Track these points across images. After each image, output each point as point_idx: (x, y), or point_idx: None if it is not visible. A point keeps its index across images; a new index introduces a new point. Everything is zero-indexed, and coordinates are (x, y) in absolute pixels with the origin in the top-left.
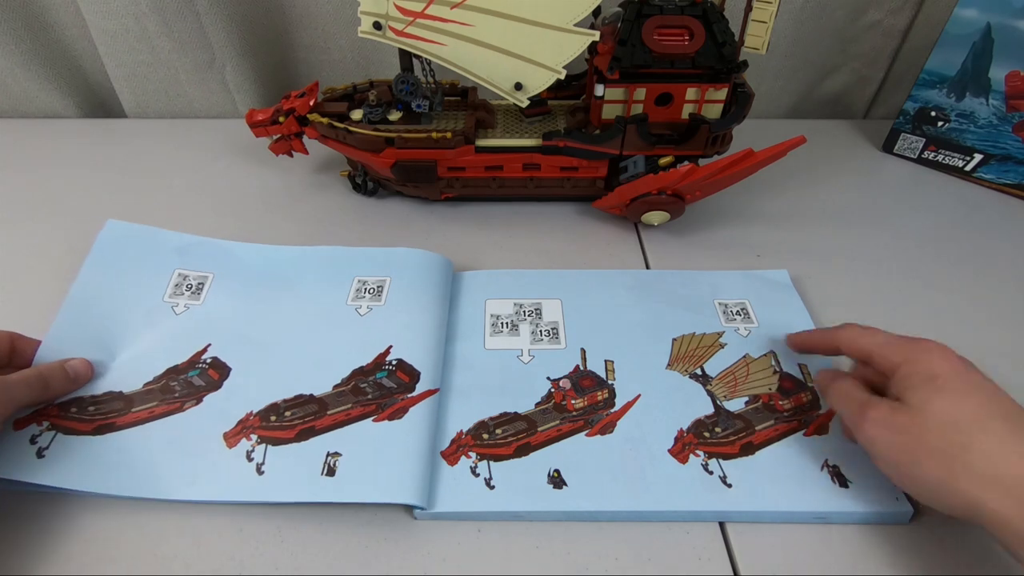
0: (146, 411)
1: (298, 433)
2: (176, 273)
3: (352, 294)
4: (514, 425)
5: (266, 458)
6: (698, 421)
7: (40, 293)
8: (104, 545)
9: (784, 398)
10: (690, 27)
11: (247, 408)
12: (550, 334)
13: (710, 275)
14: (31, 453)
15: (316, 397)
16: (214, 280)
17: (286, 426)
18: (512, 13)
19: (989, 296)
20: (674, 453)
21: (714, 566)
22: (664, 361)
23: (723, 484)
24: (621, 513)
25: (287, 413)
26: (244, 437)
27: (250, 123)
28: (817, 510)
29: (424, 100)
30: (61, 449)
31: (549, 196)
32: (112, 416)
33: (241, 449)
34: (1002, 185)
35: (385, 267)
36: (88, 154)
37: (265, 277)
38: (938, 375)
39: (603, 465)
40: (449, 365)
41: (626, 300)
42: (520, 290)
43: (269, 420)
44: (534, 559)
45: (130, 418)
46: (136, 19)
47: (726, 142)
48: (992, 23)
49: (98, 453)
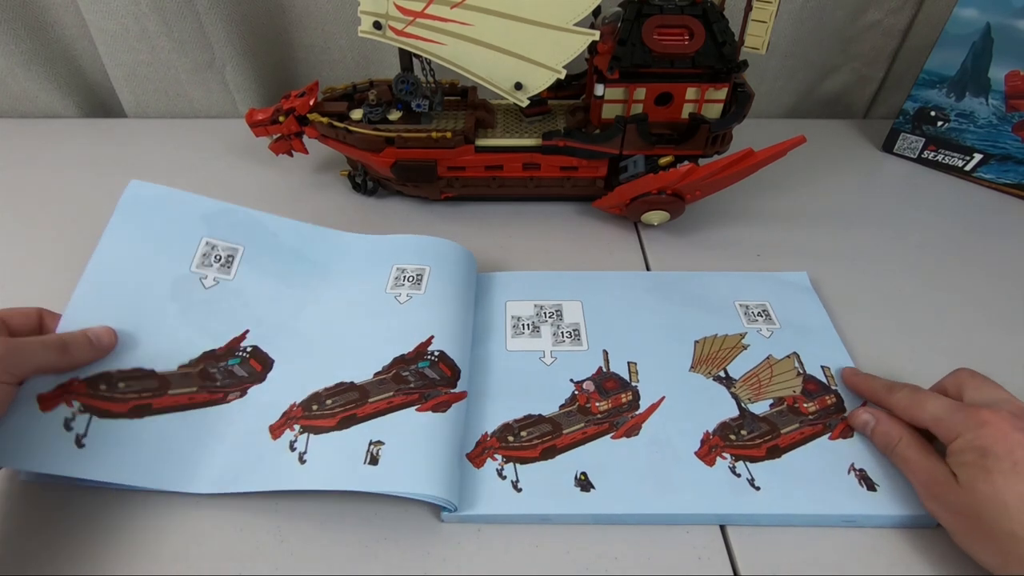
0: (185, 396)
1: (339, 421)
2: (204, 242)
3: (391, 281)
4: (539, 427)
5: (308, 447)
6: (723, 424)
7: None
8: (104, 545)
9: (808, 400)
10: (690, 27)
11: (291, 399)
12: (571, 336)
13: (728, 276)
14: (70, 442)
15: (357, 385)
16: (244, 253)
17: (327, 414)
18: (512, 13)
19: (989, 296)
20: (701, 456)
21: (714, 566)
22: (687, 363)
23: (751, 487)
24: (652, 516)
25: (328, 401)
26: (288, 428)
27: (250, 123)
28: (845, 513)
29: (424, 100)
30: (100, 436)
31: (549, 196)
32: (147, 396)
33: (285, 440)
34: (1002, 185)
35: (423, 256)
36: (88, 154)
37: (297, 256)
38: (989, 453)
39: (630, 467)
40: (473, 366)
41: (646, 302)
42: (540, 292)
43: (311, 409)
44: (534, 559)
45: (167, 401)
46: (136, 19)
47: (726, 142)
48: (992, 23)
49: (139, 441)
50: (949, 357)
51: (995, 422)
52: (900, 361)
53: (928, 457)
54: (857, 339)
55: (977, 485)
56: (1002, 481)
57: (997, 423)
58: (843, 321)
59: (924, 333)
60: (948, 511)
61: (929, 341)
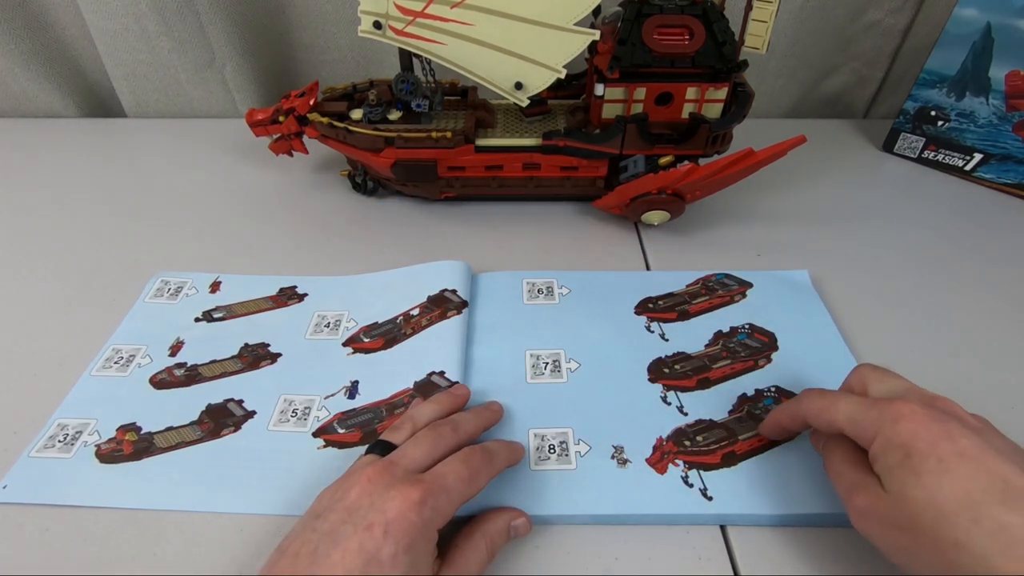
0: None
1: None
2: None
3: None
4: (713, 433)
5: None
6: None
7: (40, 293)
8: (104, 545)
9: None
10: (690, 26)
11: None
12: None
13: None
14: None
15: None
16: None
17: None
18: (512, 12)
19: (989, 296)
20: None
21: (714, 566)
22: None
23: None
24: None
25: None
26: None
27: (250, 123)
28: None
29: (424, 100)
30: None
31: (549, 196)
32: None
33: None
34: (1002, 185)
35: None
36: (88, 154)
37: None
38: (912, 451)
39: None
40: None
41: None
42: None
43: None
44: (534, 559)
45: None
46: (136, 19)
47: (726, 141)
48: (992, 23)
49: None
50: (949, 356)
51: (909, 414)
52: (900, 361)
53: (851, 468)
54: (857, 338)
55: (907, 491)
56: (933, 482)
57: (912, 415)
58: (843, 320)
59: (924, 333)
60: (881, 526)
61: (929, 341)
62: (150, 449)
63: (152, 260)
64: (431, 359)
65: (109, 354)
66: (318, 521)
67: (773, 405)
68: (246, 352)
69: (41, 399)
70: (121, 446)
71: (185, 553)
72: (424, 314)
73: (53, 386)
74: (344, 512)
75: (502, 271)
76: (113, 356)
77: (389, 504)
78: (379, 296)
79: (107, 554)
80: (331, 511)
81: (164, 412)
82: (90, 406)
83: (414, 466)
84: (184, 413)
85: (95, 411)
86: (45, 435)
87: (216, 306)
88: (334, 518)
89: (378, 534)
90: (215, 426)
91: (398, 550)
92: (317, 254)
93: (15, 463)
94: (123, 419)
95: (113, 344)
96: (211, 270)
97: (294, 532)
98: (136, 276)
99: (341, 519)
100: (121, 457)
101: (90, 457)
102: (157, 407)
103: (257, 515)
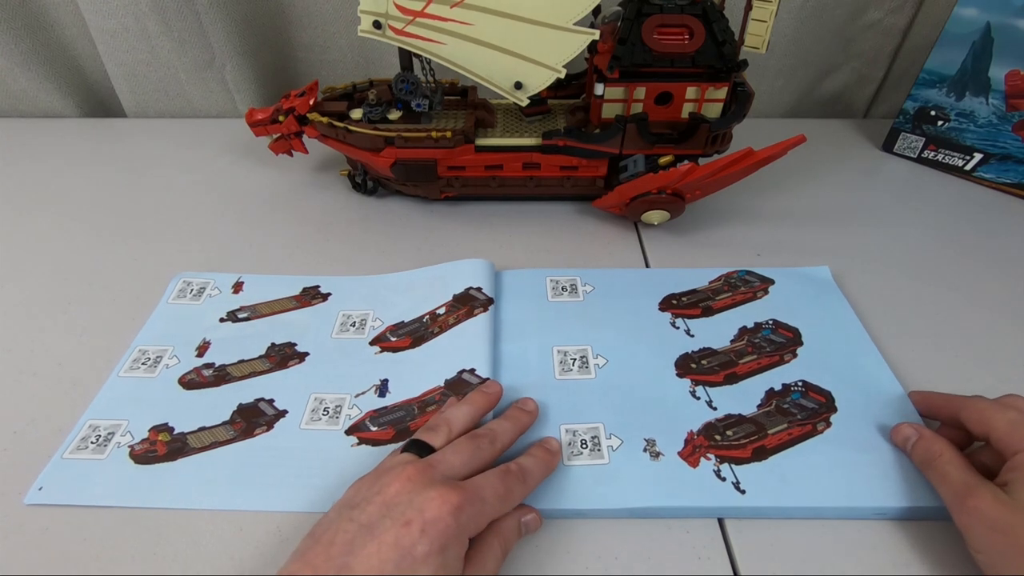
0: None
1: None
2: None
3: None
4: (743, 428)
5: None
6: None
7: (40, 293)
8: (104, 545)
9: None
10: (690, 26)
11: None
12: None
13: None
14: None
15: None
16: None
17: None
18: (512, 12)
19: (989, 295)
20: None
21: (714, 565)
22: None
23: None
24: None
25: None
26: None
27: (250, 122)
28: (877, 506)
29: (424, 99)
30: None
31: (549, 195)
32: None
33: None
34: (1002, 184)
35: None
36: (88, 154)
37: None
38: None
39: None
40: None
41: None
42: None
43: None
44: (534, 559)
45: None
46: (136, 18)
47: (726, 141)
48: (992, 22)
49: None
50: (949, 356)
51: None
52: (899, 361)
53: (968, 472)
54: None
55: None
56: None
57: None
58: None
59: (924, 333)
60: (984, 526)
61: (930, 341)
62: (184, 449)
63: (161, 260)
64: (461, 356)
65: (136, 355)
66: (355, 512)
67: (801, 399)
68: (273, 352)
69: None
70: (155, 447)
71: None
72: (451, 312)
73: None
74: (383, 506)
75: (525, 268)
76: (140, 357)
77: (428, 504)
78: (403, 295)
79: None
80: (369, 503)
81: (195, 412)
82: (120, 407)
83: (452, 472)
84: (215, 413)
85: (125, 412)
86: (77, 436)
87: (240, 306)
88: (372, 510)
89: (415, 531)
90: (248, 426)
91: (432, 550)
92: (317, 254)
93: (48, 464)
94: (155, 420)
95: (139, 345)
96: (211, 270)
97: (328, 519)
98: (149, 277)
99: (380, 512)
100: (156, 458)
101: (124, 458)
102: (187, 407)
103: (294, 512)
